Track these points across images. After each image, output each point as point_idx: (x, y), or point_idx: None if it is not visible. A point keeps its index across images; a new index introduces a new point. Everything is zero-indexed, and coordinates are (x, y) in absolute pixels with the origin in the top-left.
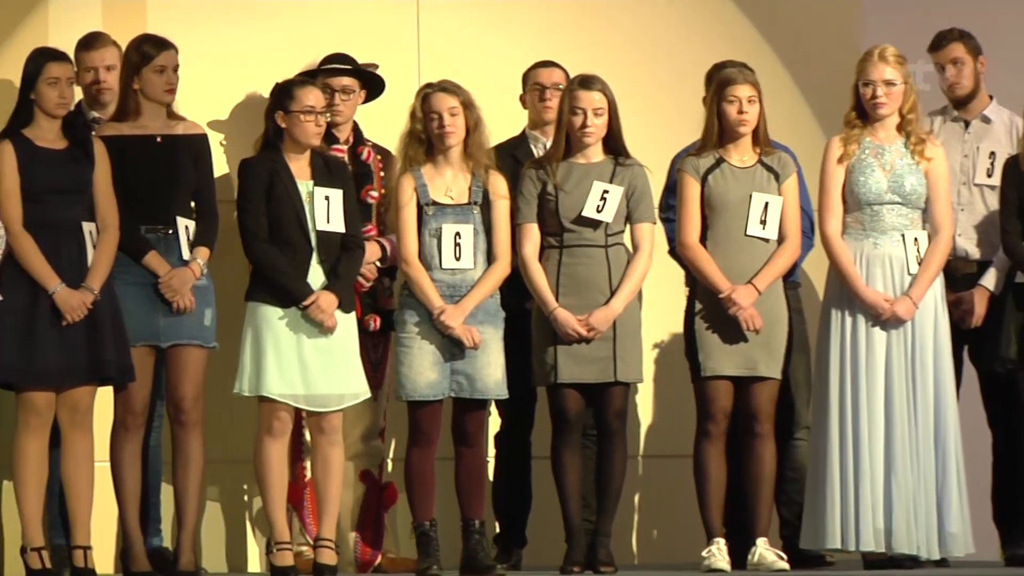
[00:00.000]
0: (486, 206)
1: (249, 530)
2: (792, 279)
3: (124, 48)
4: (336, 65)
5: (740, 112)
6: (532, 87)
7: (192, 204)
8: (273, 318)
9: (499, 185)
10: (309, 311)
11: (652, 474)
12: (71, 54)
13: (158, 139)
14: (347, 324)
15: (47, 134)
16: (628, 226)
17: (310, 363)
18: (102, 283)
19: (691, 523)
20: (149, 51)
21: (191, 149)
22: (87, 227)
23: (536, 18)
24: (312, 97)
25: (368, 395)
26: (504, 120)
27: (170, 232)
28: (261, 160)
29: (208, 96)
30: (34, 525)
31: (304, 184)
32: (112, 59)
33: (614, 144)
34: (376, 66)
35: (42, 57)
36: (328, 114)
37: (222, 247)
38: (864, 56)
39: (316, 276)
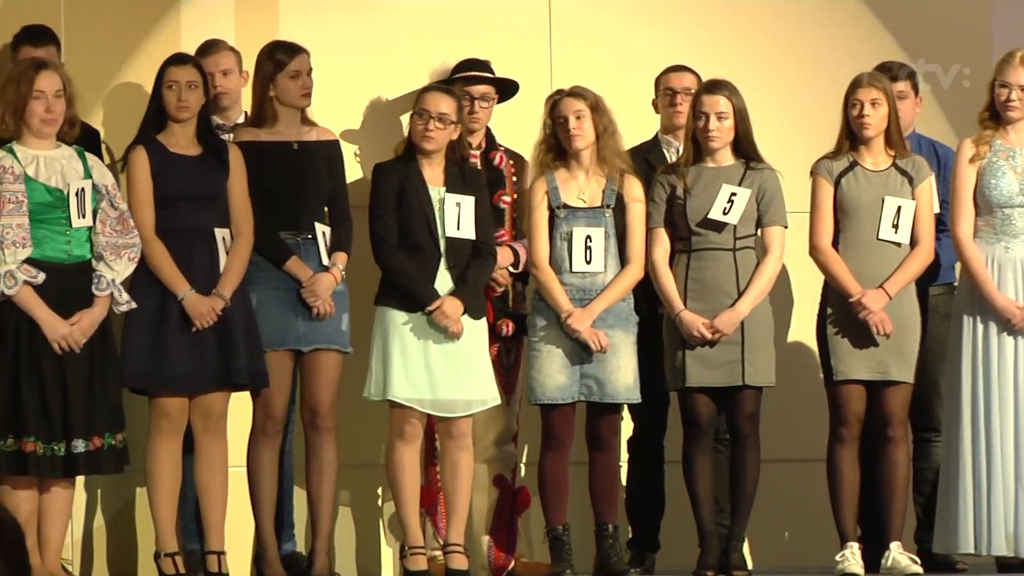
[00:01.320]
0: (619, 209)
1: (382, 535)
2: (948, 281)
3: (256, 55)
4: (476, 73)
5: (860, 116)
6: (663, 91)
7: (325, 209)
8: (400, 322)
9: (635, 189)
10: (434, 316)
11: (785, 478)
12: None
13: (294, 146)
14: (477, 330)
15: (180, 140)
16: (759, 230)
17: (437, 368)
18: (234, 289)
19: (824, 527)
20: (282, 58)
21: (325, 155)
22: (220, 233)
23: (671, 20)
24: (428, 101)
25: (497, 402)
26: (639, 122)
27: (309, 237)
28: (394, 165)
29: (341, 98)
30: (167, 530)
31: (436, 190)
32: (227, 63)
33: (745, 148)
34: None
35: (164, 62)
36: (438, 120)
37: (352, 251)
38: (1005, 57)
39: (444, 282)
